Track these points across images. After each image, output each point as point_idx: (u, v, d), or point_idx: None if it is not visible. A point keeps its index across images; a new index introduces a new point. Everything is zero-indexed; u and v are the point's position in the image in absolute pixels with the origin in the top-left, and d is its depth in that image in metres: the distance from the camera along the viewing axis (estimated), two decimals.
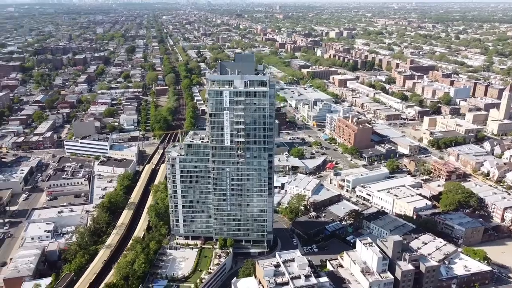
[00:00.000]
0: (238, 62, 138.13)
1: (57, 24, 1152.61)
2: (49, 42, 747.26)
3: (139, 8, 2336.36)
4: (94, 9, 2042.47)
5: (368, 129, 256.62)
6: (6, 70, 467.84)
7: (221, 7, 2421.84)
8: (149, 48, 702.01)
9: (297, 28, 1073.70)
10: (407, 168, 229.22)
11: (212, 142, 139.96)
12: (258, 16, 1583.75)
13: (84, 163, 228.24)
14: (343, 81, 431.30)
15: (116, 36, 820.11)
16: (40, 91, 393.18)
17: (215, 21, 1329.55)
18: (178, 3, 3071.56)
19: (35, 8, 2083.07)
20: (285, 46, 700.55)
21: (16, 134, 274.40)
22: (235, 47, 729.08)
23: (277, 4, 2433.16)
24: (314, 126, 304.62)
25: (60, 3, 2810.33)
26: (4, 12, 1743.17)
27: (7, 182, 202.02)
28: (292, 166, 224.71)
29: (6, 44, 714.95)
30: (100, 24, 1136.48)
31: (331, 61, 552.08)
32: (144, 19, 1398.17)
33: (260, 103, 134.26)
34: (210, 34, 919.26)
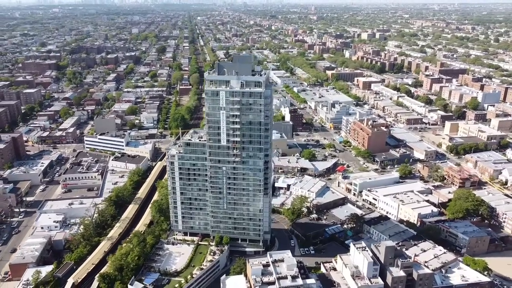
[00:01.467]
0: (236, 63, 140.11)
1: (96, 24, 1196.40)
2: (86, 41, 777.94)
3: (176, 9, 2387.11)
4: (133, 10, 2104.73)
5: (382, 132, 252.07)
6: (42, 68, 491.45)
7: (256, 8, 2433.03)
8: (180, 48, 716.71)
9: (329, 30, 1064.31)
10: (420, 174, 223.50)
11: (209, 141, 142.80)
12: (292, 17, 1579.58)
13: (100, 158, 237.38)
14: (368, 83, 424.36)
15: (150, 36, 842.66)
16: (71, 89, 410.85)
17: (248, 22, 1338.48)
18: (215, 4, 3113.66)
19: (78, 9, 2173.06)
20: (314, 47, 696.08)
21: (43, 128, 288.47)
22: (264, 48, 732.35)
23: (312, 5, 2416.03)
24: (331, 129, 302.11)
25: (102, 4, 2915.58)
26: (49, 12, 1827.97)
27: (26, 174, 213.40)
28: (301, 168, 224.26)
29: (46, 43, 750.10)
30: (137, 25, 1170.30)
31: (359, 63, 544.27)
32: (179, 20, 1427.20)
33: (255, 103, 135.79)
34: (241, 35, 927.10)
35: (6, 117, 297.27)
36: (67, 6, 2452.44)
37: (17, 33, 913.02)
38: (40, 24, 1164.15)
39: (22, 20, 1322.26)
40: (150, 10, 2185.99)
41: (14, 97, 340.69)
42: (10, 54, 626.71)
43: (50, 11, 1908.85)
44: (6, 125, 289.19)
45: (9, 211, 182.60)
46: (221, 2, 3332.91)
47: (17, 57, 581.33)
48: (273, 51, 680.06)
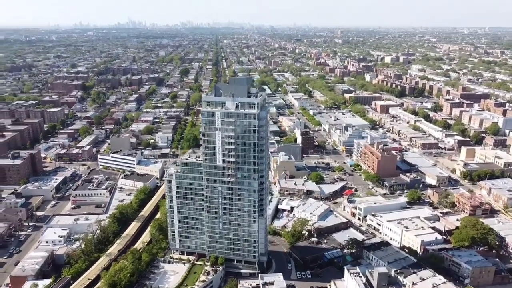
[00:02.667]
0: (232, 85, 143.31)
1: (126, 47, 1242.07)
2: (114, 63, 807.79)
3: (204, 32, 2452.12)
4: (163, 33, 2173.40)
5: (392, 156, 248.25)
6: (69, 88, 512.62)
7: (282, 32, 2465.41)
8: (203, 70, 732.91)
9: (353, 53, 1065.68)
10: (430, 200, 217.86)
11: (205, 161, 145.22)
12: (317, 41, 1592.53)
13: (111, 176, 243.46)
14: (385, 107, 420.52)
15: (175, 58, 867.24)
16: (94, 108, 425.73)
17: (273, 45, 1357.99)
18: (242, 28, 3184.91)
19: (112, 33, 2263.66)
20: (335, 70, 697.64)
21: (62, 146, 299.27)
22: (285, 70, 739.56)
23: (338, 29, 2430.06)
24: (343, 152, 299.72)
25: (134, 28, 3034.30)
26: (84, 36, 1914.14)
27: (39, 189, 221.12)
28: (307, 190, 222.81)
29: (77, 64, 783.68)
30: (164, 47, 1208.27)
31: (379, 86, 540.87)
32: (206, 43, 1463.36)
33: (250, 124, 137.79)
34: (264, 58, 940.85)
35: (28, 135, 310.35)
36: (101, 30, 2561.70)
37: (51, 55, 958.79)
38: (74, 47, 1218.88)
39: (58, 43, 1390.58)
40: (179, 33, 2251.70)
41: (39, 116, 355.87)
42: (42, 74, 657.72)
43: (85, 35, 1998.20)
44: (28, 142, 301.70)
45: (18, 225, 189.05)
46: (249, 26, 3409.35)
47: (48, 78, 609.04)
48: (294, 74, 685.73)
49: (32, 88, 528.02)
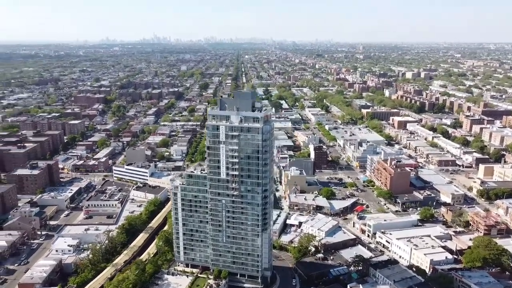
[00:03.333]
0: (237, 99, 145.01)
1: (149, 61, 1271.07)
2: (136, 77, 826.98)
3: (227, 48, 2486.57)
4: (186, 49, 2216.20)
5: (406, 173, 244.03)
6: (92, 101, 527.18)
7: (304, 47, 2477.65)
8: (222, 85, 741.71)
9: (374, 68, 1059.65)
10: (443, 218, 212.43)
11: (209, 174, 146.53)
12: (338, 56, 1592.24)
13: (124, 187, 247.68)
14: (403, 123, 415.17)
15: (196, 73, 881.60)
16: (113, 121, 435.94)
17: (294, 61, 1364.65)
18: (265, 43, 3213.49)
19: (137, 48, 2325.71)
20: (354, 86, 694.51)
21: (79, 157, 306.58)
22: (304, 85, 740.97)
23: (360, 45, 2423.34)
24: (357, 168, 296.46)
25: (159, 43, 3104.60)
26: (110, 51, 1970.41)
27: (54, 199, 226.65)
28: (317, 206, 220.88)
29: (101, 78, 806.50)
30: (186, 62, 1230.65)
31: (398, 102, 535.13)
32: (228, 58, 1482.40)
33: (253, 138, 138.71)
34: (283, 73, 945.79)
35: (48, 146, 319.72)
36: (127, 45, 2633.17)
37: (77, 69, 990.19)
38: (99, 61, 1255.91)
39: (84, 58, 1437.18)
40: (202, 49, 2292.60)
41: (60, 128, 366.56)
42: (67, 88, 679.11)
43: (111, 50, 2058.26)
44: (48, 153, 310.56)
45: (31, 233, 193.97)
46: (271, 41, 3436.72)
47: (72, 91, 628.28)
48: (313, 89, 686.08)
49: (56, 101, 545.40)
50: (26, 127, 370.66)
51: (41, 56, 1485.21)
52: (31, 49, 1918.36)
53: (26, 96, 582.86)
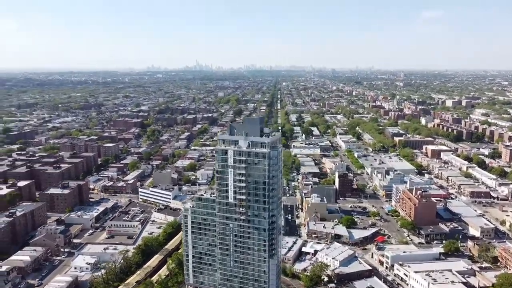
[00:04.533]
0: (246, 124, 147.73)
1: (189, 88, 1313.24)
2: (175, 103, 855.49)
3: (266, 75, 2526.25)
4: (226, 76, 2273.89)
5: (431, 204, 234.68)
6: (129, 125, 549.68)
7: (343, 75, 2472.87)
8: (257, 111, 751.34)
9: (413, 96, 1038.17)
10: (469, 253, 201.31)
11: (218, 197, 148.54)
12: (377, 84, 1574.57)
13: (147, 209, 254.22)
14: (437, 151, 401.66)
15: (231, 99, 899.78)
16: (147, 145, 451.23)
17: (331, 88, 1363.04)
18: (304, 71, 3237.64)
19: (179, 75, 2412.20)
20: (389, 113, 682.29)
21: (110, 179, 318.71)
22: (338, 112, 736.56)
23: (402, 72, 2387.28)
24: (383, 197, 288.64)
25: (201, 70, 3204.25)
26: (154, 78, 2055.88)
27: (80, 218, 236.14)
28: (335, 234, 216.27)
29: (141, 104, 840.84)
30: (225, 89, 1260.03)
31: (434, 130, 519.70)
32: (265, 85, 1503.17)
33: (260, 163, 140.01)
34: (319, 99, 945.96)
35: (82, 167, 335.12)
36: (170, 72, 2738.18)
37: (121, 95, 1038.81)
38: (142, 88, 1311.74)
39: (129, 84, 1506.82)
40: (242, 76, 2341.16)
41: (95, 150, 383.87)
42: (109, 112, 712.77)
43: (154, 77, 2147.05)
44: (82, 174, 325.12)
45: (55, 250, 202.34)
46: (310, 68, 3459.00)
47: (112, 116, 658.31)
48: (347, 116, 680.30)
49: (97, 125, 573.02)
50: (65, 149, 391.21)
51: (90, 83, 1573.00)
52: (82, 76, 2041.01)
53: (70, 120, 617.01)
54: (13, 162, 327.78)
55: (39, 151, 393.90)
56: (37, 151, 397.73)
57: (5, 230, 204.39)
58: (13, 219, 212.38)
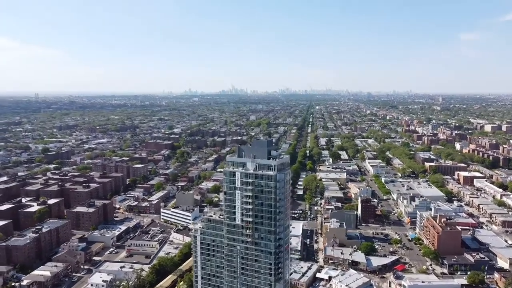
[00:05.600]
0: (254, 147, 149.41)
1: (222, 111, 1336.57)
2: (206, 126, 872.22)
3: (300, 98, 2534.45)
4: (260, 99, 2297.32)
5: (456, 232, 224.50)
6: (160, 147, 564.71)
7: (379, 99, 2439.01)
8: (286, 134, 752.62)
9: (450, 121, 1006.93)
10: (496, 286, 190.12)
11: (226, 219, 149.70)
12: (413, 108, 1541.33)
13: (167, 229, 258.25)
14: (470, 178, 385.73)
15: (262, 122, 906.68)
16: (175, 166, 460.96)
17: (364, 112, 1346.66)
18: (339, 95, 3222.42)
19: (214, 98, 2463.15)
20: (422, 138, 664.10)
21: (136, 199, 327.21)
22: (369, 137, 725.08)
23: (440, 96, 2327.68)
24: (408, 224, 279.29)
25: (236, 94, 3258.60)
26: (190, 101, 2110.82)
27: (102, 236, 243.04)
28: (352, 261, 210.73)
29: (174, 126, 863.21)
30: (257, 112, 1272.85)
31: (468, 156, 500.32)
32: (298, 109, 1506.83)
33: (266, 185, 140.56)
34: (351, 123, 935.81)
35: (111, 187, 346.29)
36: (206, 96, 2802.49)
37: (156, 117, 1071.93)
38: (177, 111, 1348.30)
39: (165, 107, 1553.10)
40: (276, 99, 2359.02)
41: (125, 171, 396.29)
42: (142, 134, 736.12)
43: (190, 100, 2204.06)
44: (109, 194, 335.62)
45: (75, 267, 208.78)
46: (346, 93, 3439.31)
47: (145, 137, 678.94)
48: (378, 140, 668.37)
49: (130, 146, 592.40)
50: (97, 169, 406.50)
51: (128, 106, 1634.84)
52: (122, 99, 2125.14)
53: (105, 141, 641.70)
54: (46, 180, 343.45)
55: (73, 171, 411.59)
56: (71, 170, 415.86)
57: (30, 245, 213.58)
58: (38, 235, 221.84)
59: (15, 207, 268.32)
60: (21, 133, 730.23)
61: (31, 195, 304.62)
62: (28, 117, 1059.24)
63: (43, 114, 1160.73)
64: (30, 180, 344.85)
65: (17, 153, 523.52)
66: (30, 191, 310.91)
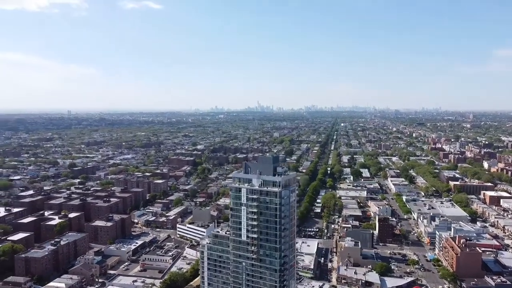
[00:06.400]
0: (260, 163, 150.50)
1: (247, 128, 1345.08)
2: (229, 143, 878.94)
3: (325, 116, 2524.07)
4: (286, 117, 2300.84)
5: (476, 254, 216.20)
6: (182, 163, 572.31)
7: (407, 116, 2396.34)
8: (309, 152, 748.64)
9: (480, 138, 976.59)
10: None
11: (232, 235, 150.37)
12: (442, 125, 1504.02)
13: (181, 244, 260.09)
14: (496, 198, 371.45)
15: (285, 140, 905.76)
16: (195, 182, 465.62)
17: (391, 129, 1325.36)
18: (365, 112, 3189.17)
19: (240, 115, 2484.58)
20: (449, 156, 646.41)
21: (154, 214, 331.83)
22: (394, 154, 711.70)
23: (471, 113, 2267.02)
24: (428, 244, 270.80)
25: (262, 111, 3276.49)
26: (215, 118, 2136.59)
27: (118, 250, 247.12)
28: (366, 281, 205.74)
29: (198, 143, 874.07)
30: (281, 129, 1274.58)
31: (497, 175, 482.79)
32: (322, 126, 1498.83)
33: (271, 202, 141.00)
34: (375, 141, 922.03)
35: (131, 202, 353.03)
36: (232, 113, 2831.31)
37: (181, 134, 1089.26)
38: (202, 128, 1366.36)
39: (191, 124, 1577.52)
40: (301, 117, 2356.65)
41: (145, 186, 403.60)
42: (166, 151, 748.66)
43: (216, 117, 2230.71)
44: (129, 208, 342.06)
45: (90, 280, 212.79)
46: (372, 109, 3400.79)
47: (169, 154, 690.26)
48: (402, 158, 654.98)
49: (153, 162, 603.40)
50: (119, 184, 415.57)
51: (155, 123, 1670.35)
52: (149, 116, 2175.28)
53: (130, 157, 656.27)
54: (70, 195, 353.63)
55: (96, 186, 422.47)
56: (94, 185, 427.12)
57: (48, 257, 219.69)
58: (56, 248, 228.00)
59: (38, 220, 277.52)
60: (51, 149, 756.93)
61: (54, 208, 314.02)
62: (59, 133, 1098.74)
63: (74, 130, 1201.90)
64: (55, 194, 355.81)
65: (46, 167, 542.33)
66: (53, 204, 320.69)
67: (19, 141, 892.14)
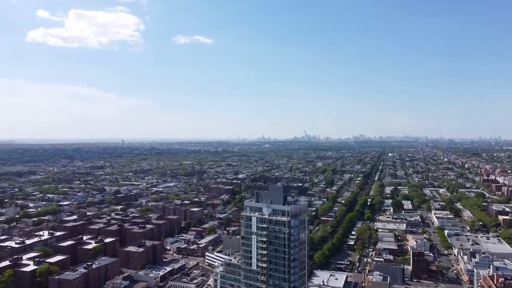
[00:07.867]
0: (271, 192, 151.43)
1: (290, 157, 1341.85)
2: (271, 172, 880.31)
3: (373, 145, 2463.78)
4: (332, 146, 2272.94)
5: None
6: (220, 192, 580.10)
7: (461, 146, 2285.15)
8: (351, 182, 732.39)
9: None
10: None
11: (243, 264, 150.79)
12: (499, 156, 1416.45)
13: (207, 272, 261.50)
14: None
15: (328, 169, 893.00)
16: (232, 211, 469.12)
17: (441, 159, 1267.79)
18: (417, 141, 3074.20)
19: (286, 145, 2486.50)
20: (502, 188, 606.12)
21: (186, 241, 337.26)
22: (441, 186, 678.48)
23: None
24: (467, 282, 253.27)
25: (308, 141, 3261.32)
26: (261, 148, 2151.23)
27: (146, 276, 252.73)
28: None
29: (240, 172, 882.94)
30: (325, 159, 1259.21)
31: None
32: (369, 156, 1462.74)
33: (280, 231, 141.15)
34: (423, 171, 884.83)
35: (166, 229, 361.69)
36: (278, 143, 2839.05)
37: (224, 163, 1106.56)
38: (246, 157, 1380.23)
39: (236, 153, 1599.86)
40: (348, 146, 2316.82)
41: (182, 213, 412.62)
42: (208, 179, 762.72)
43: (262, 147, 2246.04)
44: (163, 235, 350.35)
45: None
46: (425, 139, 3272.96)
47: (210, 182, 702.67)
48: (450, 190, 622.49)
49: (193, 190, 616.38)
50: (157, 211, 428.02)
51: (202, 152, 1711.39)
52: (197, 145, 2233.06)
53: (172, 185, 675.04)
54: (109, 220, 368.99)
55: (136, 212, 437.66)
56: (134, 212, 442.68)
57: (79, 280, 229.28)
58: (88, 271, 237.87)
59: (76, 244, 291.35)
60: (101, 176, 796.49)
61: (93, 233, 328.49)
62: (111, 161, 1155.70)
63: (124, 159, 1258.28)
64: (95, 220, 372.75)
65: (93, 194, 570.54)
66: (92, 229, 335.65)
67: (74, 168, 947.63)
